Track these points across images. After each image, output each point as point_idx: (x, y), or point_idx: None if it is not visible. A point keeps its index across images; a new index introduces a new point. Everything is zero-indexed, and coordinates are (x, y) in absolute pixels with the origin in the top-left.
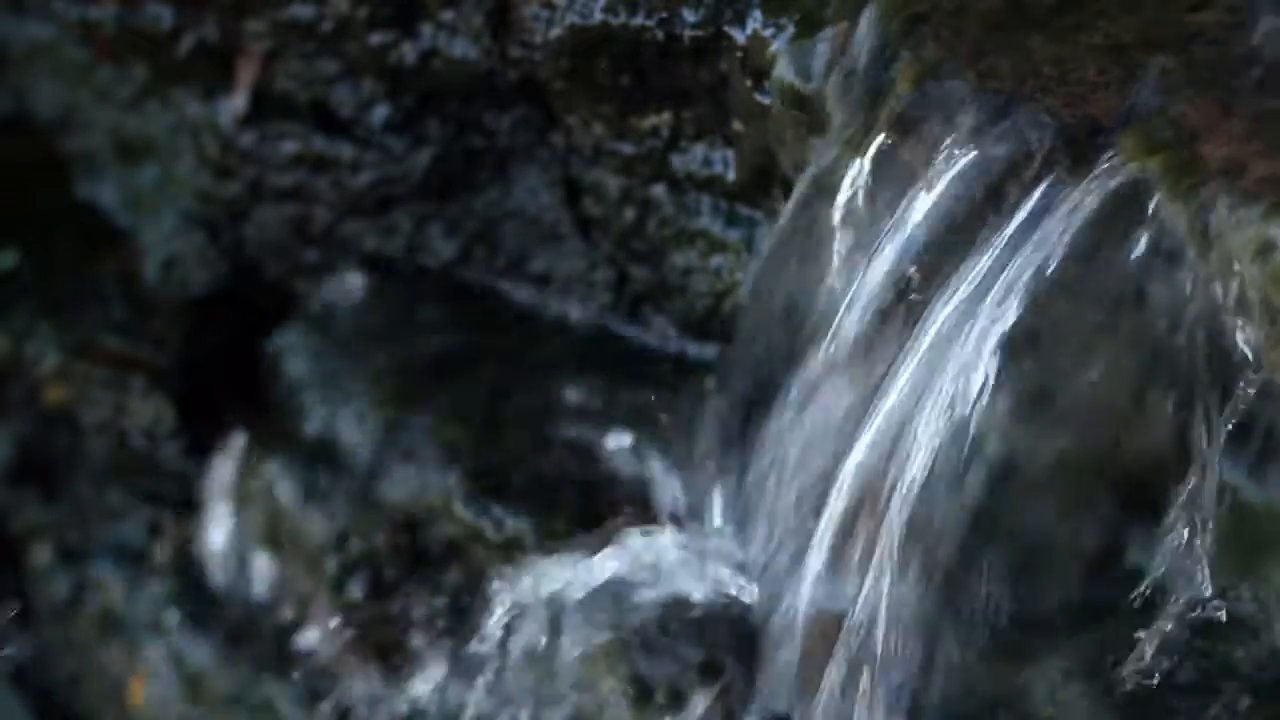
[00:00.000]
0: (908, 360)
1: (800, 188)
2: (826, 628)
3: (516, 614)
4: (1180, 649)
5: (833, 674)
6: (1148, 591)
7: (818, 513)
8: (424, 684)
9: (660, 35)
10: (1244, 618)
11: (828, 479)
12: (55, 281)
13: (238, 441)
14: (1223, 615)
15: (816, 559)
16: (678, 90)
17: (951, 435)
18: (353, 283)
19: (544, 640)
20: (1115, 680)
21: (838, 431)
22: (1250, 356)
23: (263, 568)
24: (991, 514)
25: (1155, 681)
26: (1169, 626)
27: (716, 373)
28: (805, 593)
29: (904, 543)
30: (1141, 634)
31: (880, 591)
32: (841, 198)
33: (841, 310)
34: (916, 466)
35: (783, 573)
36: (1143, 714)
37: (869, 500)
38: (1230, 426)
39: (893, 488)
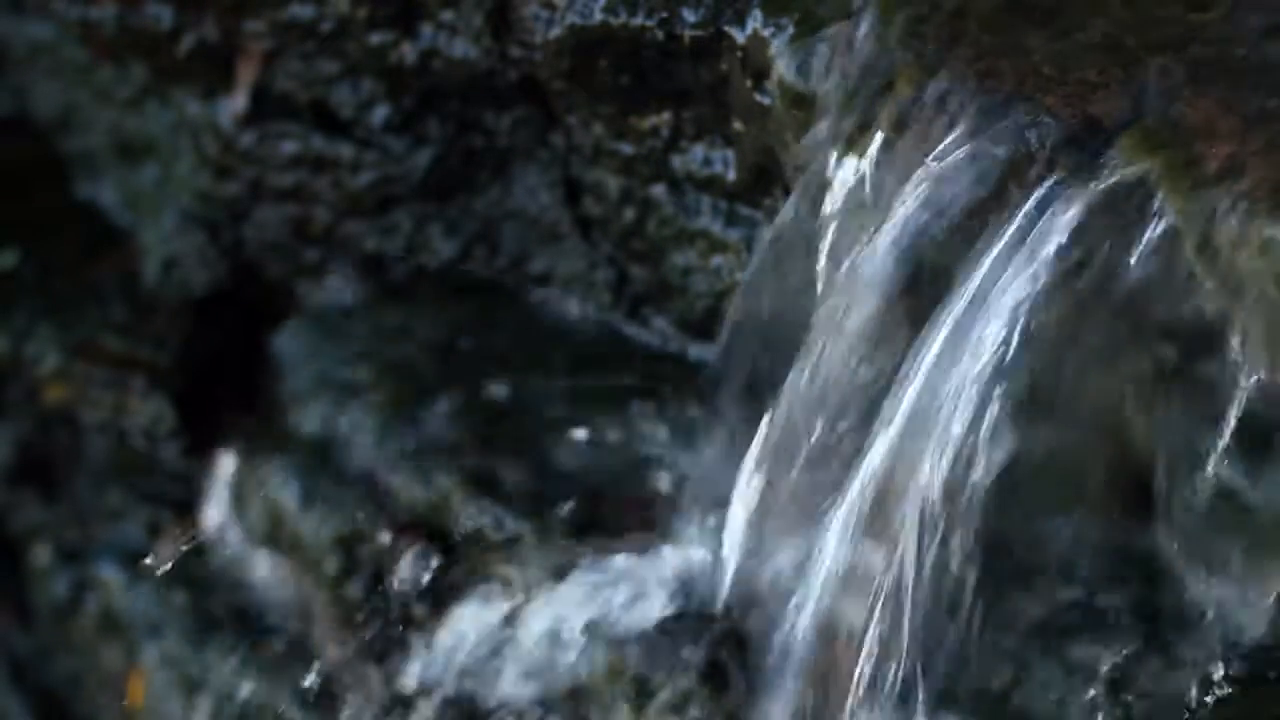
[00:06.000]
0: (913, 361)
1: (798, 187)
2: (845, 632)
3: (517, 615)
4: (1176, 646)
5: (854, 678)
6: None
7: (825, 515)
8: (424, 685)
9: (660, 35)
10: (1242, 615)
11: (835, 479)
12: (55, 281)
13: (237, 441)
14: (1222, 614)
15: (824, 560)
16: (678, 90)
17: (956, 437)
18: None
19: (544, 640)
20: (1114, 676)
21: (845, 432)
22: (1251, 356)
23: (262, 568)
24: (997, 514)
25: (1150, 678)
26: (1166, 624)
27: (713, 372)
28: (814, 594)
29: (915, 544)
30: (1138, 632)
31: (893, 591)
32: (840, 197)
33: (840, 310)
34: (925, 468)
35: (786, 573)
36: (1139, 710)
37: (880, 501)
38: (1231, 426)
39: (902, 489)
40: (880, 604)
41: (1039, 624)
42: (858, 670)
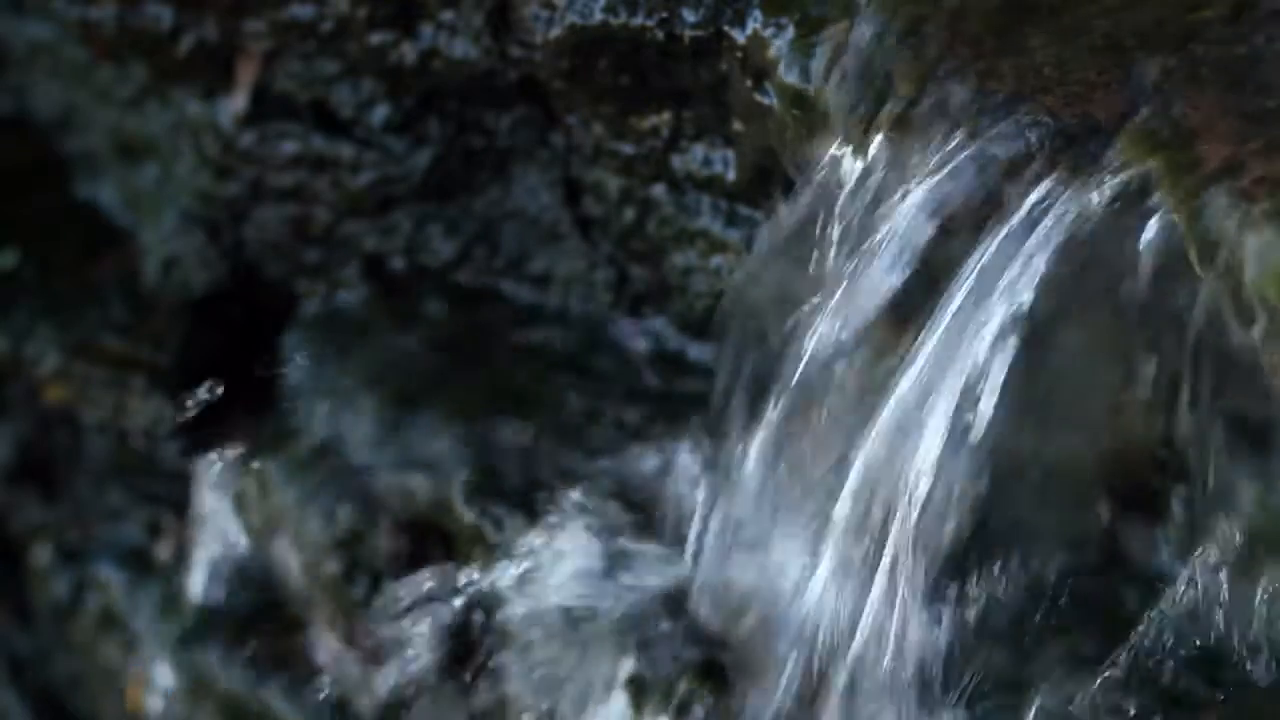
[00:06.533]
0: (910, 361)
1: (801, 187)
2: (839, 630)
3: (516, 615)
4: (1178, 646)
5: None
6: (1147, 590)
7: (823, 513)
8: (423, 686)
9: (660, 35)
10: (1245, 615)
11: (832, 480)
12: (55, 281)
13: (238, 442)
14: (1223, 614)
15: (823, 558)
16: (678, 90)
17: (955, 436)
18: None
19: (543, 641)
20: (1114, 677)
21: (840, 432)
22: (1250, 356)
23: (262, 568)
24: (995, 513)
25: (1151, 679)
26: (1166, 623)
27: (713, 372)
28: (813, 593)
29: (911, 543)
30: (1138, 631)
31: (891, 591)
32: (841, 198)
33: (840, 310)
34: (922, 467)
35: (786, 571)
36: (1139, 711)
37: (875, 501)
38: (1231, 425)
39: (898, 489)
40: (873, 602)
41: (1033, 621)
42: (852, 667)
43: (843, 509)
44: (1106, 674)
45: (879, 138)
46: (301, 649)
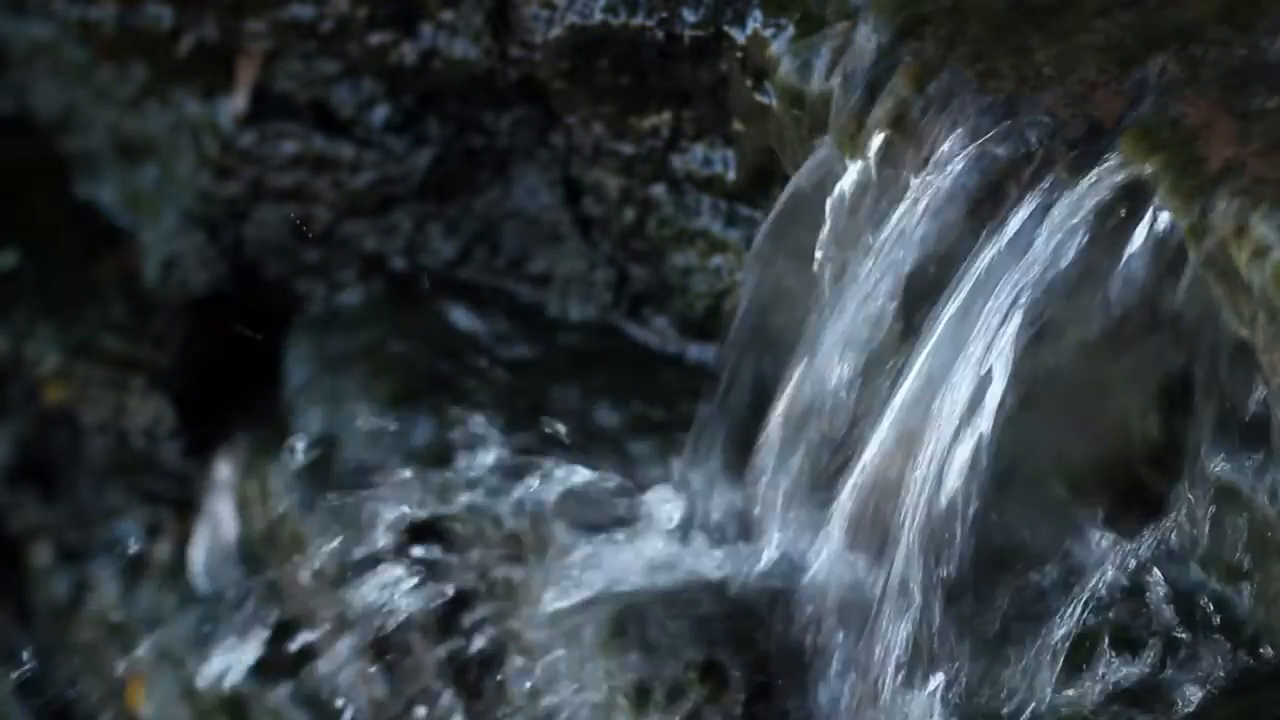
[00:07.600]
0: (911, 362)
1: (792, 187)
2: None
3: (517, 615)
4: (1176, 645)
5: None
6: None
7: (824, 514)
8: (424, 686)
9: (660, 35)
10: (1241, 614)
11: (833, 482)
12: (55, 281)
13: (238, 442)
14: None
15: (823, 560)
16: (678, 90)
17: (958, 435)
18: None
19: (543, 640)
20: (1109, 675)
21: (842, 432)
22: (1250, 356)
23: (262, 569)
24: (996, 511)
25: (1148, 678)
26: (1164, 623)
27: (714, 372)
28: (817, 587)
29: (912, 542)
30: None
31: (891, 588)
32: (841, 198)
33: (841, 310)
34: (927, 467)
35: (787, 572)
36: (1136, 709)
37: (878, 501)
38: (1231, 425)
39: (900, 488)
40: (881, 596)
41: (1030, 618)
42: (864, 659)
43: (843, 504)
44: (1101, 671)
45: (879, 138)
46: (302, 649)
